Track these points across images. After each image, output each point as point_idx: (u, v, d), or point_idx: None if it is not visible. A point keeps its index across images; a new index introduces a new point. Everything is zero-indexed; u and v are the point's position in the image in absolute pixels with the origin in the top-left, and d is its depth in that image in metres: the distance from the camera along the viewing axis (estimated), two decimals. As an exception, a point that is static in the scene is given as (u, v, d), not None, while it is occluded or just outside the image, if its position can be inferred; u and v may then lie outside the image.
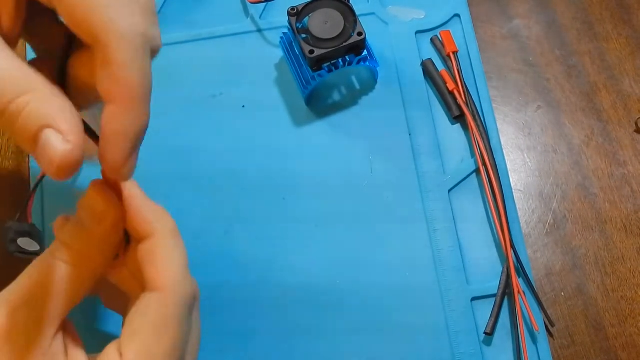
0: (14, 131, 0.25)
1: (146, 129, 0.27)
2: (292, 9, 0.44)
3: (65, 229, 0.30)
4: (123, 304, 0.32)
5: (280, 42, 0.46)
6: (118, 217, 0.30)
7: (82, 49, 0.28)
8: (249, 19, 0.48)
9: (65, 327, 0.30)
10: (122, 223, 0.30)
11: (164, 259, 0.30)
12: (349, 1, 0.44)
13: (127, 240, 0.32)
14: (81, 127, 0.26)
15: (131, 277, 0.32)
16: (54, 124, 0.25)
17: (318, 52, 0.42)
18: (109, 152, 0.26)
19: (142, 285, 0.30)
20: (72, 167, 0.25)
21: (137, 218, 0.30)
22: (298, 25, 0.43)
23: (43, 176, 0.41)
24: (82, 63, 0.29)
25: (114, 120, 0.26)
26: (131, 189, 0.31)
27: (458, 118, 0.46)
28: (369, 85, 0.47)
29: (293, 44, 0.45)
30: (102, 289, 0.35)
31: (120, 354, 0.28)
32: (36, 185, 0.41)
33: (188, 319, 0.30)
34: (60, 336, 0.29)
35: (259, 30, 0.48)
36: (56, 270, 0.29)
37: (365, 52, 0.45)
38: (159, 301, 0.29)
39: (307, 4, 0.44)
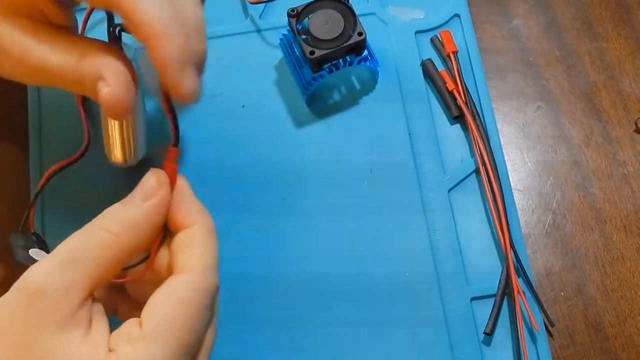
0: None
1: (186, 51, 0.32)
2: (292, 10, 0.44)
3: (114, 205, 0.32)
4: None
5: (279, 43, 0.46)
6: (165, 198, 0.32)
7: None
8: (248, 19, 0.48)
9: (94, 302, 0.31)
10: (167, 205, 0.32)
11: (199, 246, 0.32)
12: (348, 1, 0.44)
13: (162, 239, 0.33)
14: (124, 71, 0.32)
15: (154, 284, 0.33)
16: (102, 76, 0.32)
17: (319, 52, 0.42)
18: (163, 80, 0.32)
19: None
20: (117, 104, 0.32)
21: (182, 208, 0.32)
22: (298, 26, 0.43)
23: (42, 186, 0.42)
24: None
25: (152, 55, 0.31)
26: (184, 185, 0.33)
27: (457, 118, 0.46)
28: (369, 85, 0.47)
29: (293, 45, 0.45)
30: (120, 304, 0.35)
31: (140, 325, 0.29)
32: (37, 195, 0.41)
33: (209, 309, 0.31)
34: (88, 306, 0.30)
35: (259, 31, 0.48)
36: (95, 237, 0.30)
37: (365, 52, 0.45)
38: (186, 281, 0.31)
39: (307, 5, 0.44)
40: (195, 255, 0.31)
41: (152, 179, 0.32)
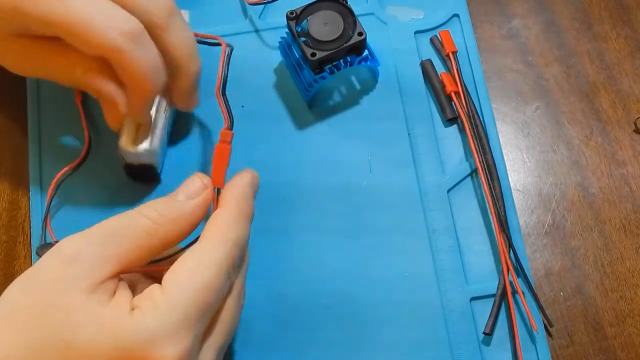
0: None
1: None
2: (291, 12, 0.43)
3: (157, 198, 0.34)
4: None
5: (279, 46, 0.46)
6: (206, 200, 0.34)
7: None
8: (247, 19, 0.48)
9: (120, 281, 0.32)
10: (207, 206, 0.34)
11: (222, 222, 0.34)
12: (346, 2, 0.44)
13: None
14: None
15: None
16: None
17: (320, 54, 0.42)
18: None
19: None
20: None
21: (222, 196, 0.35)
22: (297, 28, 0.43)
23: (52, 195, 0.43)
24: None
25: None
26: (241, 182, 0.36)
27: (452, 120, 0.46)
28: (369, 85, 0.47)
29: (292, 47, 0.45)
30: None
31: (162, 287, 0.31)
32: (49, 205, 0.43)
33: (227, 275, 0.32)
34: (115, 281, 0.31)
35: (258, 31, 0.48)
36: (135, 221, 0.32)
37: (365, 52, 0.45)
38: (207, 245, 0.32)
39: (305, 7, 0.44)
40: (216, 228, 0.33)
41: (197, 182, 0.35)
